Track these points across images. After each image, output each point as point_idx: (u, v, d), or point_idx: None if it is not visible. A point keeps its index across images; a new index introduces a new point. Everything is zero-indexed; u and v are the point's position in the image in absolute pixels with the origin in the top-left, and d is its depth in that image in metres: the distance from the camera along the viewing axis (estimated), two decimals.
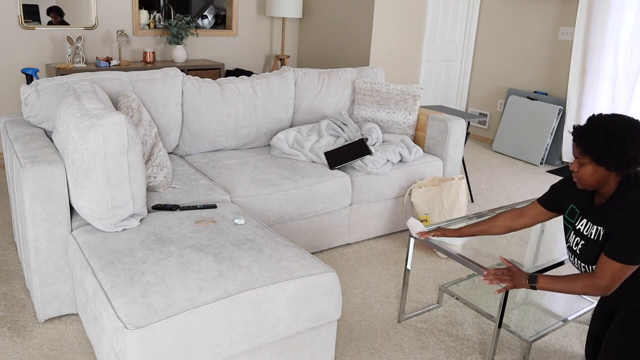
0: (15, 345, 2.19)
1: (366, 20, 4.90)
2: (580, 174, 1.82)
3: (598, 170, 1.78)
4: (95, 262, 1.94)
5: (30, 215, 2.15)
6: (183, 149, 3.16)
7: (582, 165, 1.80)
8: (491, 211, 2.69)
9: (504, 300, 2.05)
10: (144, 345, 1.60)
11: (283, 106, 3.40)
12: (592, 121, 1.77)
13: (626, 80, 4.64)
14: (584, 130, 1.77)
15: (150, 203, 2.45)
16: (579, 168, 1.81)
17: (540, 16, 5.22)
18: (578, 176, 1.83)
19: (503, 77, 5.66)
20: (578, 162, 1.81)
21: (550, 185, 4.54)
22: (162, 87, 2.95)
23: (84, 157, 2.02)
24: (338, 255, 3.12)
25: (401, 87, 3.55)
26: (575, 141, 1.81)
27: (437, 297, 2.74)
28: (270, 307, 1.82)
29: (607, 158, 1.73)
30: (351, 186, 3.09)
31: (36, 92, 2.62)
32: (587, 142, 1.76)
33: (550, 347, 2.40)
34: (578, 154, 1.80)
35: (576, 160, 1.83)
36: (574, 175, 1.86)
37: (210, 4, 5.39)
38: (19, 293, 2.56)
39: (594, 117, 1.78)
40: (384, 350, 2.30)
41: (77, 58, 4.36)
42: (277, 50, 5.73)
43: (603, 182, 1.81)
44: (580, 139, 1.78)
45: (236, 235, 2.14)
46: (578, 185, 1.87)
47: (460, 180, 3.15)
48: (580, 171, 1.81)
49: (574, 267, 2.90)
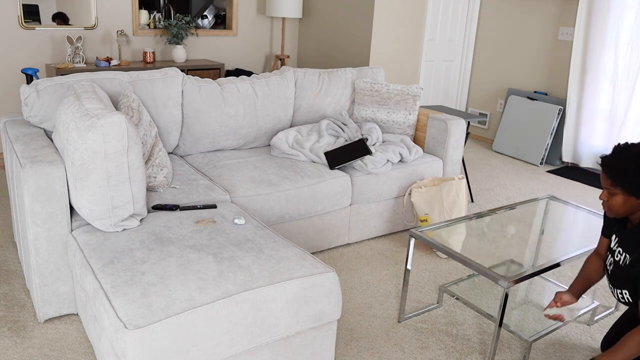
0: (15, 345, 2.19)
1: (366, 20, 4.90)
2: (611, 204, 1.84)
3: (629, 200, 1.80)
4: (95, 262, 1.94)
5: (30, 215, 2.15)
6: (183, 149, 3.16)
7: (613, 196, 1.83)
8: (491, 211, 2.69)
9: (504, 300, 2.05)
10: (144, 345, 1.60)
11: (283, 106, 3.40)
12: (621, 152, 1.79)
13: (626, 80, 4.64)
14: (613, 162, 1.79)
15: (150, 203, 2.45)
16: (609, 198, 1.84)
17: (540, 16, 5.22)
18: (608, 205, 1.86)
19: (503, 77, 5.66)
20: (608, 192, 1.84)
21: (549, 185, 4.54)
22: (162, 87, 2.95)
23: (84, 157, 2.02)
24: (338, 255, 3.12)
25: (401, 87, 3.55)
26: (605, 172, 1.82)
27: (437, 297, 2.74)
28: (270, 307, 1.82)
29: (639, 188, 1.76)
30: (351, 186, 3.09)
31: (36, 92, 2.62)
32: (618, 174, 1.78)
33: (550, 347, 2.40)
34: (609, 185, 1.82)
35: (606, 191, 1.85)
36: (604, 205, 1.88)
37: (210, 4, 5.39)
38: (19, 293, 2.55)
39: (622, 149, 1.80)
40: (384, 350, 2.30)
41: (77, 58, 4.36)
42: (277, 50, 5.73)
43: (634, 209, 1.84)
44: (611, 170, 1.80)
45: (236, 235, 2.14)
46: (608, 214, 1.89)
47: (460, 180, 3.15)
48: (611, 201, 1.84)
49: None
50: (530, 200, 2.87)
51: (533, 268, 2.17)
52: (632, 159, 1.76)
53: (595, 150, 4.96)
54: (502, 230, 2.73)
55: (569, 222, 2.80)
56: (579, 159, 5.07)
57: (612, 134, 4.81)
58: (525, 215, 2.83)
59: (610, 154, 1.82)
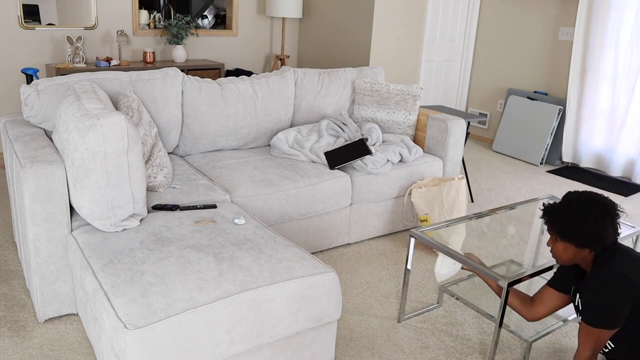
0: (15, 345, 2.19)
1: (366, 20, 4.90)
2: (555, 250, 1.89)
3: (568, 247, 1.84)
4: (95, 262, 1.94)
5: (30, 215, 2.15)
6: (183, 149, 3.16)
7: (555, 242, 1.87)
8: (491, 211, 2.69)
9: (504, 300, 2.05)
10: (144, 345, 1.60)
11: (283, 106, 3.40)
12: (563, 198, 1.85)
13: (626, 80, 4.64)
14: (550, 208, 1.86)
15: (150, 203, 2.45)
16: (553, 244, 1.88)
17: (540, 16, 5.22)
18: (554, 252, 1.90)
19: (503, 77, 5.66)
20: (551, 239, 1.89)
21: (549, 185, 4.54)
22: (162, 87, 2.95)
23: (84, 157, 2.02)
24: (338, 255, 3.12)
25: (401, 87, 3.55)
26: (542, 217, 1.89)
27: (437, 297, 2.74)
28: (270, 307, 1.82)
29: (570, 234, 1.80)
30: (351, 186, 3.09)
31: (36, 92, 2.62)
32: (551, 219, 1.84)
33: (550, 347, 2.40)
34: (550, 232, 1.88)
35: (550, 237, 1.90)
36: (551, 252, 1.92)
37: (210, 4, 5.39)
38: (19, 293, 2.55)
39: (566, 194, 1.86)
40: (384, 350, 2.30)
41: (77, 58, 4.36)
42: (277, 50, 5.73)
43: (578, 257, 1.86)
44: (546, 215, 1.86)
45: (236, 235, 2.14)
46: (556, 262, 1.93)
47: (460, 180, 3.15)
48: (555, 248, 1.88)
49: None
50: (530, 200, 2.87)
51: (533, 268, 2.17)
52: (565, 205, 1.82)
53: (595, 150, 4.96)
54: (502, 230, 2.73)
55: None
56: (579, 159, 5.07)
57: (612, 134, 4.81)
58: (525, 215, 2.83)
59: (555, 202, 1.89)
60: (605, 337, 1.80)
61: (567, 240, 1.82)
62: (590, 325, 1.79)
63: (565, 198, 1.85)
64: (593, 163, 5.01)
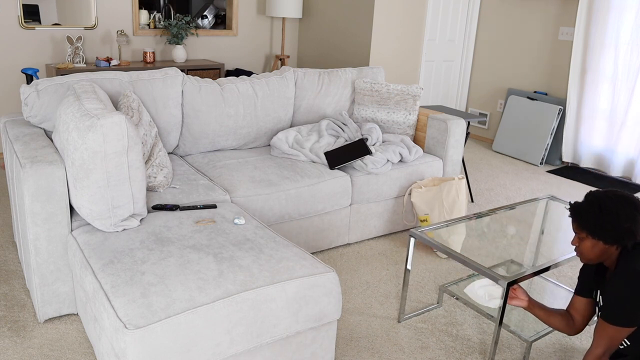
0: (15, 345, 2.19)
1: (366, 20, 4.90)
2: (581, 248, 1.90)
3: (597, 244, 1.85)
4: (95, 262, 1.94)
5: (30, 215, 2.15)
6: (183, 149, 3.16)
7: (582, 240, 1.88)
8: (491, 211, 2.69)
9: (504, 300, 2.05)
10: (144, 345, 1.60)
11: (283, 106, 3.40)
12: (588, 197, 1.87)
13: (626, 80, 4.64)
14: (579, 206, 1.87)
15: (150, 203, 2.45)
16: (579, 243, 1.90)
17: (540, 16, 5.22)
18: (580, 251, 1.91)
19: (503, 77, 5.66)
20: (578, 237, 1.90)
21: (549, 185, 4.54)
22: (162, 87, 2.95)
23: (84, 157, 2.02)
24: (338, 255, 3.12)
25: (401, 87, 3.55)
26: (571, 217, 1.89)
27: (437, 297, 2.74)
28: (270, 307, 1.82)
29: (602, 231, 1.81)
30: (351, 186, 3.09)
31: (36, 92, 2.62)
32: (582, 217, 1.85)
33: (550, 347, 2.40)
34: (576, 229, 1.89)
35: (576, 236, 1.91)
36: (576, 251, 1.93)
37: (210, 4, 5.39)
38: (19, 293, 2.55)
39: (589, 194, 1.87)
40: (384, 350, 2.30)
41: (77, 58, 4.36)
42: (277, 50, 5.73)
43: (604, 255, 1.88)
44: (576, 214, 1.87)
45: (236, 235, 2.14)
46: (581, 260, 1.94)
47: (460, 180, 3.15)
48: (581, 246, 1.89)
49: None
50: (530, 200, 2.87)
51: (533, 268, 2.17)
52: (595, 202, 1.83)
53: (595, 150, 4.96)
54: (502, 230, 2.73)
55: (569, 222, 2.80)
56: (579, 159, 5.07)
57: (612, 134, 4.81)
58: (525, 215, 2.83)
59: (580, 201, 1.90)
60: (621, 335, 1.80)
61: (598, 237, 1.83)
62: (608, 322, 1.80)
63: (591, 197, 1.85)
64: (593, 163, 5.01)
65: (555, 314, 2.11)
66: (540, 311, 2.12)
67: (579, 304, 2.06)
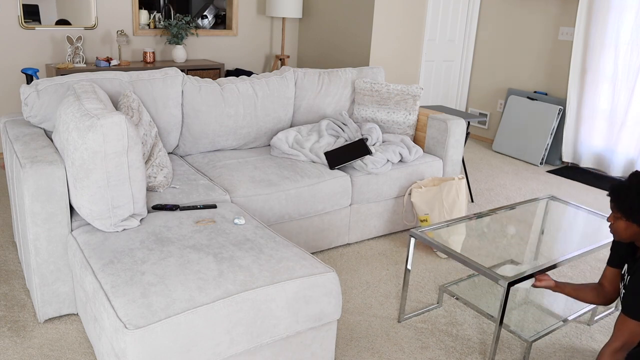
0: (15, 345, 2.19)
1: (366, 20, 4.90)
2: (615, 227, 1.91)
3: (630, 226, 1.86)
4: (95, 262, 1.94)
5: (30, 215, 2.15)
6: (183, 149, 3.16)
7: (616, 219, 1.89)
8: (491, 211, 2.69)
9: (504, 300, 2.05)
10: (144, 345, 1.60)
11: (283, 106, 3.40)
12: (630, 178, 1.85)
13: (626, 80, 4.64)
14: (618, 187, 1.86)
15: (150, 203, 2.45)
16: (614, 221, 1.90)
17: (540, 16, 5.22)
18: (614, 229, 1.92)
19: (503, 77, 5.66)
20: (613, 216, 1.90)
21: (549, 185, 4.54)
22: (162, 87, 2.95)
23: (84, 157, 2.02)
24: (338, 255, 3.12)
25: (401, 87, 3.55)
26: (609, 195, 1.89)
27: (437, 297, 2.74)
28: (270, 307, 1.82)
29: (637, 215, 1.81)
30: (351, 186, 3.09)
31: (36, 92, 2.62)
32: (620, 199, 1.84)
33: (550, 347, 2.40)
34: (613, 209, 1.89)
35: (612, 214, 1.91)
36: (610, 227, 1.94)
37: (210, 4, 5.39)
38: (19, 293, 2.56)
39: (633, 174, 1.86)
40: (384, 350, 2.30)
41: (77, 58, 4.36)
42: (277, 50, 5.73)
43: (636, 236, 1.88)
44: (614, 194, 1.86)
45: (236, 235, 2.14)
46: (614, 237, 1.95)
47: (460, 180, 3.15)
48: (615, 225, 1.90)
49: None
50: (530, 200, 2.87)
51: (533, 268, 2.17)
52: (634, 186, 1.82)
53: (595, 150, 4.96)
54: (502, 230, 2.73)
55: (569, 222, 2.80)
56: (579, 159, 5.07)
57: (612, 134, 4.81)
58: (525, 215, 2.83)
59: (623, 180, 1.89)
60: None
61: (633, 220, 1.83)
62: (630, 316, 1.79)
63: (633, 179, 1.84)
64: (593, 163, 5.01)
65: (583, 288, 2.13)
66: (568, 288, 2.15)
67: (610, 274, 2.09)
